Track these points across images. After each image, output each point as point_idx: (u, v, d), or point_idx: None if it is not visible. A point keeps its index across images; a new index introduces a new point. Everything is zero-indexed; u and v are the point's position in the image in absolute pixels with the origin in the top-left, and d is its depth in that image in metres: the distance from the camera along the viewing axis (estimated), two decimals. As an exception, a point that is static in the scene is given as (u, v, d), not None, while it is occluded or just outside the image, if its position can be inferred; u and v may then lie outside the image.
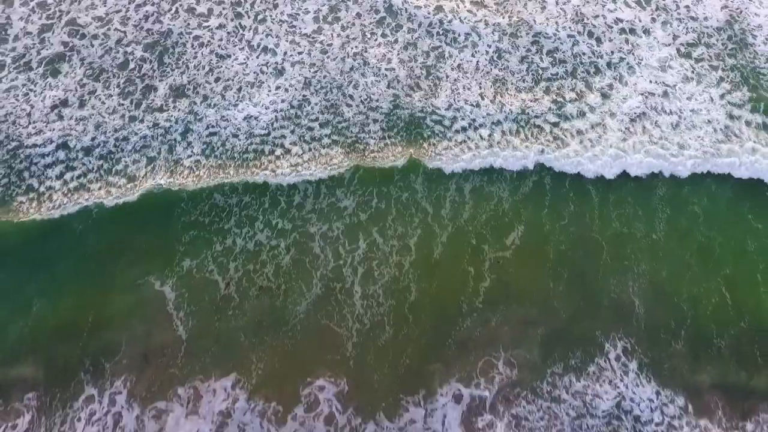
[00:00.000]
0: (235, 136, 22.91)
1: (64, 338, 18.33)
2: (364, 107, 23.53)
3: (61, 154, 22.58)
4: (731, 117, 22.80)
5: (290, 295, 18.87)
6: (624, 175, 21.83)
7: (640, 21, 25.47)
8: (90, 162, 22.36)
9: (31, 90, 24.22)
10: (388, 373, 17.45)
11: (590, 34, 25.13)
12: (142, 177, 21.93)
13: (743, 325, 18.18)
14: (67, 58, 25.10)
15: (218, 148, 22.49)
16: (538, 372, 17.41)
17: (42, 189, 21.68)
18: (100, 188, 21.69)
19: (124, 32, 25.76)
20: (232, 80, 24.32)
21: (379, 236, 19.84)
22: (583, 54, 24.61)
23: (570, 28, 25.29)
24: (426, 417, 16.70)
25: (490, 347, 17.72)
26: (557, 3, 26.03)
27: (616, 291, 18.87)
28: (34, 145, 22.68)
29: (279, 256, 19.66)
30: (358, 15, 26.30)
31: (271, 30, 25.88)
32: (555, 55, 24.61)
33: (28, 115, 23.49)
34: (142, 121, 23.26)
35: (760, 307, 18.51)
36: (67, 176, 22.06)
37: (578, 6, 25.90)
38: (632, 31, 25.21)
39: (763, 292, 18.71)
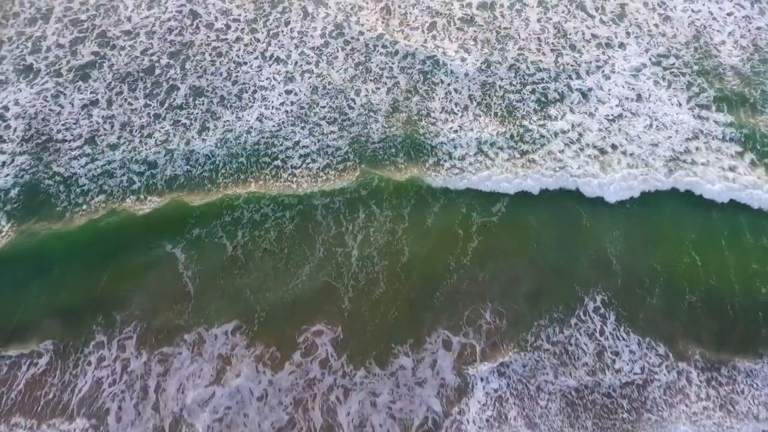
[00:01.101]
0: (248, 132, 25.09)
1: (81, 294, 20.05)
2: (365, 110, 25.84)
3: (88, 149, 24.72)
4: (699, 117, 25.09)
5: (293, 257, 20.61)
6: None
7: (616, 36, 28.28)
8: (114, 155, 24.41)
9: (61, 92, 26.66)
10: (380, 323, 18.97)
11: (572, 47, 27.86)
12: (162, 165, 23.92)
13: (712, 283, 19.87)
14: (97, 66, 27.72)
15: (232, 141, 24.61)
16: (524, 322, 18.92)
17: (68, 174, 23.70)
18: (123, 174, 23.59)
19: (151, 44, 28.54)
20: (247, 84, 26.82)
21: (376, 207, 21.78)
22: (567, 64, 27.19)
23: (552, 43, 28.06)
24: (415, 364, 18.07)
25: (478, 299, 19.33)
26: (539, 21, 28.98)
27: (595, 251, 20.66)
28: (64, 140, 24.85)
29: (284, 224, 21.54)
30: (360, 33, 29.11)
31: (282, 43, 28.67)
32: (539, 65, 27.21)
33: (58, 115, 25.81)
34: (164, 118, 25.57)
35: (726, 268, 20.23)
36: (90, 166, 24.09)
37: (559, 23, 28.84)
38: (608, 44, 27.96)
39: (728, 256, 20.48)
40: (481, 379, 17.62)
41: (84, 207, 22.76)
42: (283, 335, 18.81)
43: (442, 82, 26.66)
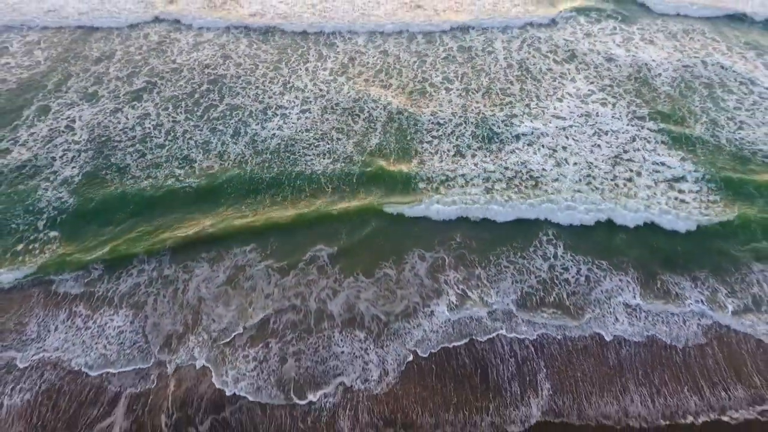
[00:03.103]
0: (271, 138, 30.87)
1: (131, 237, 24.78)
2: (366, 122, 31.83)
3: (140, 146, 30.48)
4: (636, 126, 30.82)
5: (300, 208, 25.55)
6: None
7: (569, 73, 35.01)
8: (160, 152, 30.03)
9: (118, 110, 33.03)
10: (368, 251, 23.59)
11: (533, 78, 34.47)
12: (200, 159, 29.39)
13: (640, 226, 24.51)
14: (148, 90, 34.41)
15: (259, 144, 30.31)
16: (488, 248, 23.36)
17: (123, 164, 29.19)
18: (167, 167, 28.94)
19: (192, 76, 35.49)
20: (271, 103, 33.16)
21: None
22: (530, 90, 33.59)
23: (516, 75, 34.81)
24: (397, 274, 22.36)
25: (450, 233, 24.07)
26: (506, 58, 36.05)
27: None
28: (119, 141, 30.70)
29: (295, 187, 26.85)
30: (360, 72, 36.00)
31: (300, 77, 35.54)
32: (507, 91, 33.63)
33: (116, 124, 31.93)
34: (201, 128, 31.54)
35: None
36: (140, 159, 29.69)
37: (522, 60, 35.85)
38: (562, 76, 34.58)
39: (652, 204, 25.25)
40: (451, 285, 21.85)
41: (133, 184, 27.90)
42: (291, 255, 23.23)
43: (429, 102, 32.93)
